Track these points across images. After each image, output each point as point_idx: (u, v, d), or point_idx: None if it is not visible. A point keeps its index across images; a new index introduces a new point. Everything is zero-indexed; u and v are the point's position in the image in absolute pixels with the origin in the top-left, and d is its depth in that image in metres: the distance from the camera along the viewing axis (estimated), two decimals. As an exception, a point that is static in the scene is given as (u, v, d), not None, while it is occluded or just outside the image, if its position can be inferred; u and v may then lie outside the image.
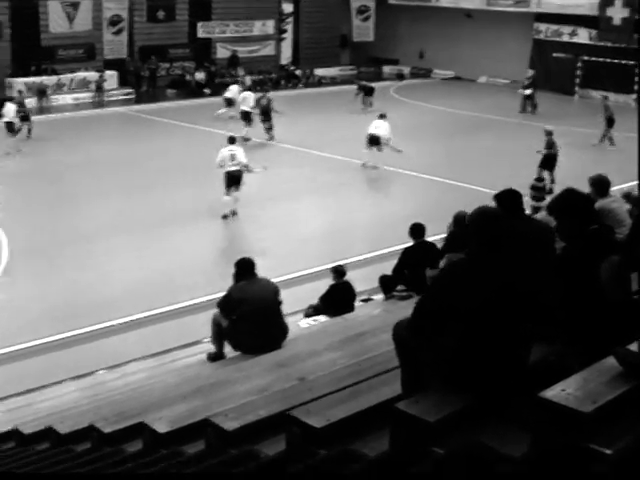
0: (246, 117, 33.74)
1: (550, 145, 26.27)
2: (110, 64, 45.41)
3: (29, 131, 32.57)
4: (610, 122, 33.47)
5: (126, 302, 16.98)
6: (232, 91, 37.17)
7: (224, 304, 11.65)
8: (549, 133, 26.55)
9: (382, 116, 29.62)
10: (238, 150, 23.47)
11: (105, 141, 33.67)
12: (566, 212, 6.37)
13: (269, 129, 33.68)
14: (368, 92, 42.33)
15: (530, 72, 44.44)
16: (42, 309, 16.74)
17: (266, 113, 33.79)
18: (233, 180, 22.98)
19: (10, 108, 31.21)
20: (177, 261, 19.59)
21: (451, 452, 4.89)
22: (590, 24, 46.24)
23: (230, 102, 37.01)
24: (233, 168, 22.97)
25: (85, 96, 43.49)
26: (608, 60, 45.14)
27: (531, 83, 42.70)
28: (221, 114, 37.07)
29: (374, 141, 28.87)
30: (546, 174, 25.29)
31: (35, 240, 20.91)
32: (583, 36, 47.23)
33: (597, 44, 46.19)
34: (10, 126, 30.93)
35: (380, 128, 29.05)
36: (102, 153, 30.72)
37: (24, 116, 32.46)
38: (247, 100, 34.19)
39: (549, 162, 26.09)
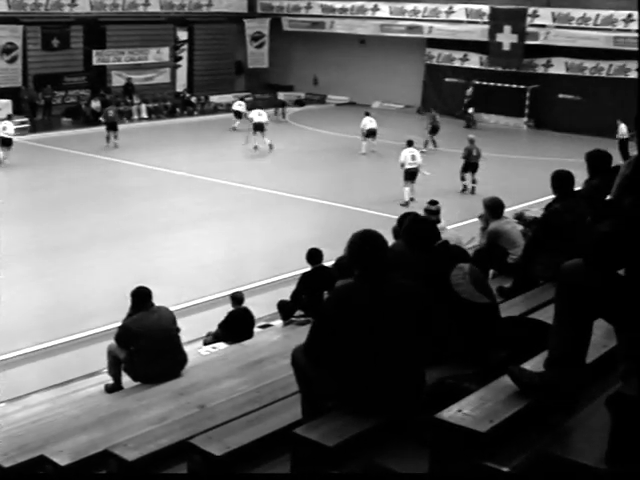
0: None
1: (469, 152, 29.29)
2: (4, 93, 44.60)
3: None
4: (434, 130, 37.82)
5: (23, 333, 16.67)
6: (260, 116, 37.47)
7: (122, 337, 11.52)
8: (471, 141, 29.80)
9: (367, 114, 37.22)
10: (416, 152, 28.81)
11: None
12: (413, 239, 6.90)
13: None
14: (281, 105, 47.99)
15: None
16: None
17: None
18: (411, 175, 27.93)
19: None
20: (76, 289, 19.37)
21: (349, 475, 4.93)
22: (481, 49, 46.97)
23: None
24: (411, 166, 28.00)
25: (-22, 125, 42.62)
26: (499, 84, 45.97)
27: None
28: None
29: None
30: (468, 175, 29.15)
31: None
32: (474, 61, 47.91)
33: (488, 69, 46.94)
34: None
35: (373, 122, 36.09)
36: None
37: None
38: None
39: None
